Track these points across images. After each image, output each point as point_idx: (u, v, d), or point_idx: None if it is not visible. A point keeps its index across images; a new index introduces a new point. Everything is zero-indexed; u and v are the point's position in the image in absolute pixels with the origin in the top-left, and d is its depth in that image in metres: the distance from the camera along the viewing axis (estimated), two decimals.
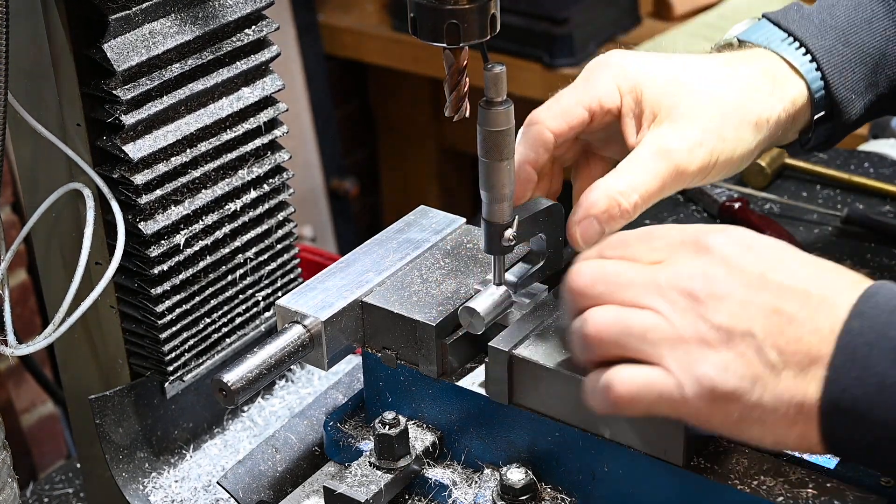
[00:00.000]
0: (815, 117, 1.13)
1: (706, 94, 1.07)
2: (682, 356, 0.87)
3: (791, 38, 1.14)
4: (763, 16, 1.19)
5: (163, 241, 1.16)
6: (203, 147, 1.17)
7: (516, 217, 1.04)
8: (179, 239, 1.17)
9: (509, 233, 1.04)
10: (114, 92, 1.09)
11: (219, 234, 1.22)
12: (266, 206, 1.26)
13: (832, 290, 0.88)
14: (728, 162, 1.07)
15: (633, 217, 1.03)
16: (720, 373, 0.86)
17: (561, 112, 1.07)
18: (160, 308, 1.18)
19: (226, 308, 1.26)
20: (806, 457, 1.05)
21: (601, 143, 1.13)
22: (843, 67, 1.13)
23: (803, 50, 1.13)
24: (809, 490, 0.92)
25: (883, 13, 1.17)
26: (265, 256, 1.29)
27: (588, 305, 0.92)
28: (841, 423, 0.85)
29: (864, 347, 0.84)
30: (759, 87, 1.10)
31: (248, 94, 1.21)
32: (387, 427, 1.06)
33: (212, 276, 1.23)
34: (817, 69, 1.13)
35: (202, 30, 1.14)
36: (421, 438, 1.09)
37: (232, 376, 1.01)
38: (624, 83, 1.07)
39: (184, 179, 1.17)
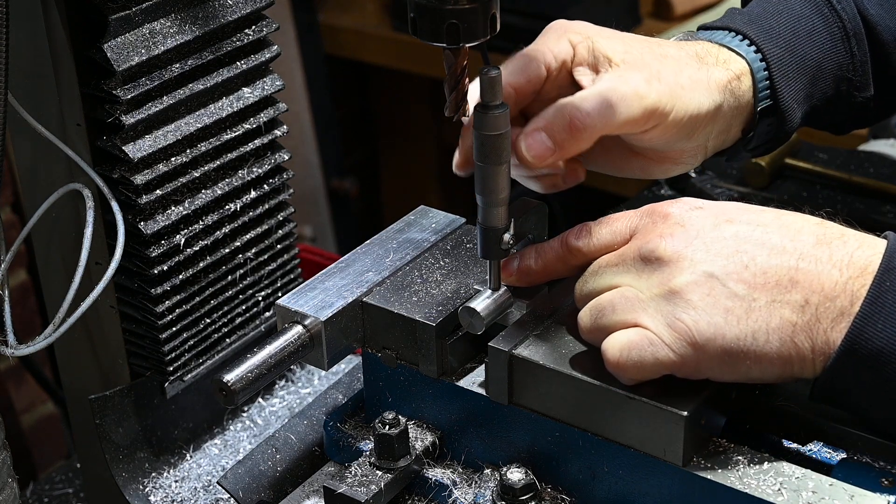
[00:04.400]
0: (759, 108, 1.14)
1: (657, 49, 1.08)
2: (654, 312, 0.94)
3: (741, 36, 1.14)
4: (699, 28, 1.20)
5: (163, 241, 1.16)
6: (203, 147, 1.17)
7: (512, 220, 1.04)
8: (179, 239, 1.17)
9: (507, 236, 1.03)
10: (114, 92, 1.09)
11: (219, 234, 1.22)
12: (266, 206, 1.26)
13: (794, 226, 0.95)
14: (684, 114, 1.06)
15: (588, 138, 1.03)
16: (691, 314, 0.92)
17: (517, 68, 1.06)
18: (160, 308, 1.18)
19: (226, 308, 1.26)
20: (806, 456, 1.06)
21: (600, 158, 1.13)
22: (790, 76, 1.16)
23: (749, 43, 1.13)
24: (809, 490, 0.92)
25: (822, 26, 1.19)
26: (265, 256, 1.29)
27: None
28: (851, 368, 0.91)
29: (893, 305, 0.90)
30: (706, 56, 1.11)
31: (248, 94, 1.21)
32: (387, 427, 1.06)
33: (212, 276, 1.23)
34: (761, 59, 1.13)
35: (202, 30, 1.14)
36: (421, 438, 1.09)
37: (232, 376, 1.01)
38: (574, 36, 1.08)
39: (184, 179, 1.17)
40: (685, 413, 0.94)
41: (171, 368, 1.22)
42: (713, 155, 1.16)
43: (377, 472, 1.06)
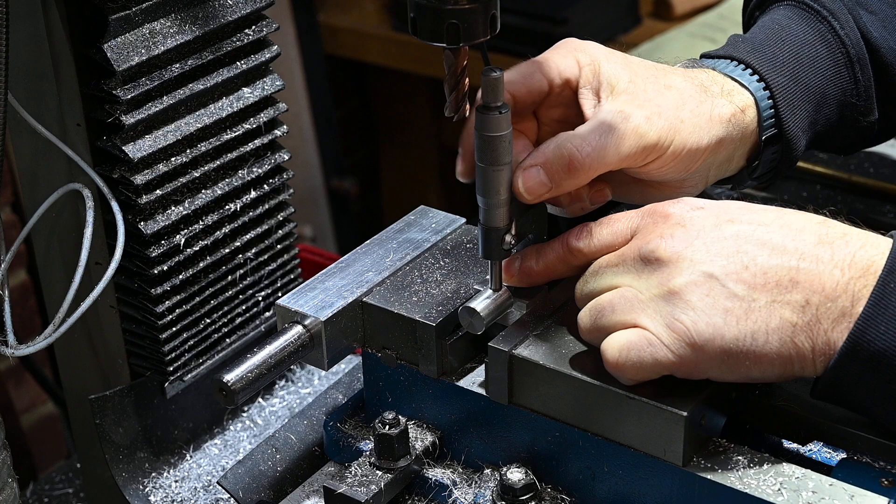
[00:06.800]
0: (764, 137, 1.13)
1: (662, 79, 1.08)
2: (653, 312, 0.93)
3: (743, 66, 1.14)
4: (702, 56, 1.19)
5: (163, 241, 1.16)
6: (203, 147, 1.17)
7: (514, 220, 1.04)
8: (179, 239, 1.17)
9: (509, 237, 1.03)
10: (114, 92, 1.09)
11: (219, 234, 1.22)
12: (266, 206, 1.26)
13: (796, 225, 0.94)
14: (682, 147, 1.06)
15: (584, 177, 1.03)
16: (689, 315, 0.92)
17: (520, 76, 1.06)
18: (160, 308, 1.18)
19: (226, 308, 1.26)
20: (806, 456, 1.06)
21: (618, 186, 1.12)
22: (794, 105, 1.15)
23: (752, 73, 1.13)
24: (809, 490, 0.92)
25: (825, 53, 1.18)
26: (265, 256, 1.29)
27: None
28: (853, 369, 0.91)
29: None
30: (711, 86, 1.11)
31: (248, 94, 1.21)
32: (387, 427, 1.06)
33: (212, 276, 1.23)
34: (765, 88, 1.13)
35: (202, 30, 1.14)
36: (421, 438, 1.09)
37: (232, 376, 1.01)
38: (582, 57, 1.08)
39: (184, 179, 1.17)
40: (685, 413, 0.94)
41: (171, 368, 1.22)
42: (717, 183, 1.16)
43: (377, 472, 1.06)
